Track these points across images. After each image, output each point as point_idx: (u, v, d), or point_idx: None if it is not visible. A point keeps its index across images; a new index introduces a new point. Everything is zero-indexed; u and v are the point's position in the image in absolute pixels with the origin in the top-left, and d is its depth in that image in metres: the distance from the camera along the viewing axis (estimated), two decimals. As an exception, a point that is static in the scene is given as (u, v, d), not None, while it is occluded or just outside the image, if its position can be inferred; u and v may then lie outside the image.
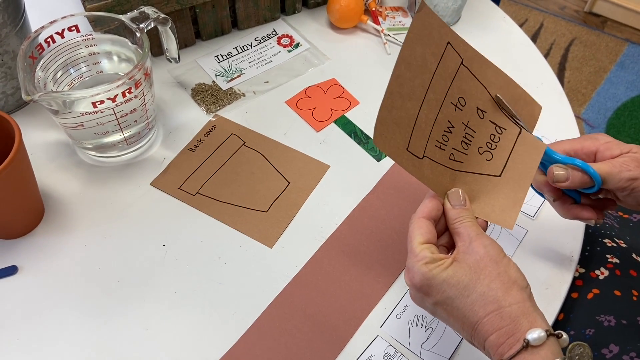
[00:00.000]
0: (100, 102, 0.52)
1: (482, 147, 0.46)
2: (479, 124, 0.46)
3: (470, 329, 0.40)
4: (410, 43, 0.41)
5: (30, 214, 0.55)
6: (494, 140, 0.46)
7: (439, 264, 0.41)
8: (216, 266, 0.54)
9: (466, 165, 0.45)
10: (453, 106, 0.44)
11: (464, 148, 0.45)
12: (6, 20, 0.57)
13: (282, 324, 0.50)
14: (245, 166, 0.62)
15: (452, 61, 0.44)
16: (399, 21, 0.78)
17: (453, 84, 0.44)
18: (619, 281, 0.53)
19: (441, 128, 0.44)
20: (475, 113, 0.45)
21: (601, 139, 0.47)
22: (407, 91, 0.42)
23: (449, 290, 0.40)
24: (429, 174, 0.44)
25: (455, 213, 0.43)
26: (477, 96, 0.46)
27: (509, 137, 0.46)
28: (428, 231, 0.43)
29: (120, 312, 0.51)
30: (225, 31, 0.75)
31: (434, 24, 0.42)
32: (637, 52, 1.87)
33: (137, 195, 0.59)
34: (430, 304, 0.42)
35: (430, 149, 0.44)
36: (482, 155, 0.46)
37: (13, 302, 0.51)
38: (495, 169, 0.46)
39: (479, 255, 0.40)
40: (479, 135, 0.46)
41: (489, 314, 0.38)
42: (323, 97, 0.69)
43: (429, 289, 0.41)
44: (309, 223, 0.57)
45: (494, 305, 0.39)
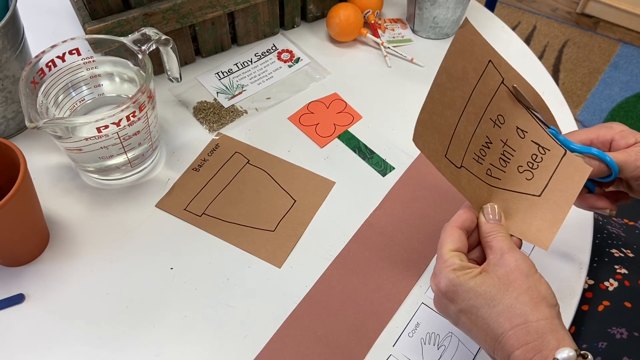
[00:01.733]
0: (104, 127, 0.51)
1: (522, 165, 0.46)
2: (518, 143, 0.46)
3: (494, 341, 0.39)
4: (451, 56, 0.42)
5: (36, 240, 0.54)
6: (535, 160, 0.46)
7: (467, 272, 0.40)
8: (225, 288, 0.54)
9: (504, 183, 0.46)
10: (492, 122, 0.45)
11: (501, 165, 0.45)
12: (6, 45, 0.56)
13: (294, 346, 0.50)
14: (250, 185, 0.61)
15: (492, 79, 0.44)
16: (398, 33, 0.78)
17: (492, 101, 0.45)
18: (628, 292, 0.53)
19: (479, 142, 0.45)
20: (515, 132, 0.46)
21: (616, 127, 0.47)
22: (447, 100, 0.42)
23: (475, 298, 0.40)
24: (465, 185, 0.44)
25: (489, 227, 0.43)
26: (516, 116, 0.46)
27: (553, 158, 0.46)
28: (459, 240, 0.43)
29: (130, 339, 0.50)
30: (225, 47, 0.74)
31: (475, 40, 0.43)
32: (630, 52, 1.88)
33: (143, 217, 0.58)
34: (454, 311, 0.41)
35: (468, 160, 0.44)
36: (522, 174, 0.46)
37: (21, 332, 0.50)
38: (535, 188, 0.45)
39: (509, 268, 0.40)
40: (519, 154, 0.46)
41: (515, 327, 0.38)
42: (326, 112, 0.68)
43: (454, 296, 0.40)
44: (317, 241, 0.57)
45: (521, 318, 0.38)
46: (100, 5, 0.60)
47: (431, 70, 0.74)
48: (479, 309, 0.39)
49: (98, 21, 0.61)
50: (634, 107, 1.72)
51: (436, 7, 0.73)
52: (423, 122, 0.41)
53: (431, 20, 0.75)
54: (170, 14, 0.64)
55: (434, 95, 0.41)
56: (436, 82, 0.41)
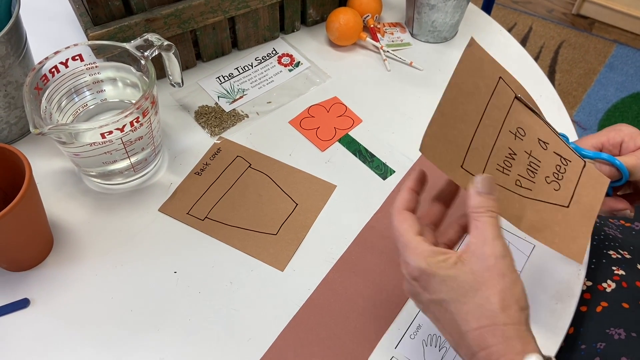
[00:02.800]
0: (108, 133, 0.52)
1: (549, 176, 0.46)
2: (542, 154, 0.46)
3: (459, 337, 0.39)
4: (461, 73, 0.42)
5: (41, 245, 0.55)
6: (559, 171, 0.46)
7: (441, 260, 0.39)
8: (229, 292, 0.54)
9: (535, 193, 0.45)
10: (512, 135, 0.45)
11: (530, 176, 0.45)
12: (9, 51, 0.57)
13: (297, 348, 0.50)
14: (252, 188, 0.62)
15: (505, 95, 0.45)
16: (397, 37, 0.79)
17: (509, 115, 0.45)
18: (626, 293, 0.54)
19: (502, 153, 0.45)
20: (538, 144, 0.46)
21: (624, 129, 0.48)
22: (460, 114, 0.43)
23: (447, 292, 0.39)
24: None
25: (479, 201, 0.40)
26: (535, 128, 0.46)
27: (574, 170, 0.46)
28: (414, 222, 0.41)
29: (135, 343, 0.51)
30: (225, 52, 0.75)
31: (484, 58, 0.43)
32: (625, 53, 1.89)
33: (146, 222, 0.59)
34: (425, 299, 0.41)
35: (491, 171, 0.44)
36: (550, 185, 0.46)
37: (26, 336, 0.51)
38: (563, 199, 0.46)
39: (486, 264, 0.38)
40: (544, 165, 0.46)
41: (481, 328, 0.37)
42: (326, 116, 0.69)
43: (427, 285, 0.40)
44: (319, 244, 0.58)
45: (489, 320, 0.37)
46: (102, 11, 0.61)
47: (430, 73, 0.75)
48: (449, 303, 0.39)
49: (100, 27, 0.61)
50: (629, 108, 1.74)
51: (435, 11, 0.74)
52: (433, 135, 0.42)
53: (430, 24, 0.76)
54: (172, 19, 0.64)
55: (445, 110, 0.42)
56: (446, 97, 0.42)
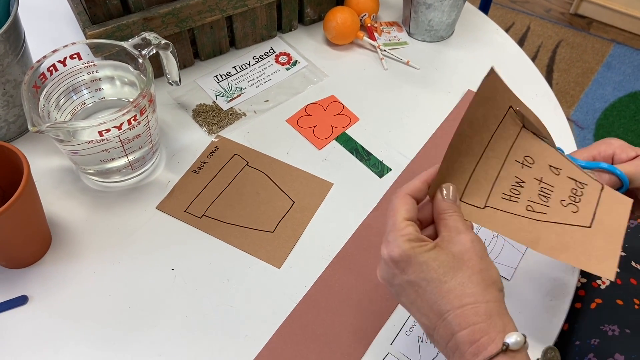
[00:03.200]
0: (106, 131, 0.52)
1: (564, 200, 0.46)
2: (555, 179, 0.46)
3: (438, 317, 0.39)
4: (474, 105, 0.42)
5: (39, 242, 0.55)
6: (576, 194, 0.46)
7: (421, 244, 0.40)
8: (226, 289, 0.54)
9: (550, 216, 0.45)
10: (519, 164, 0.46)
11: (543, 201, 0.45)
12: (7, 50, 0.57)
13: (294, 345, 0.51)
14: (249, 187, 0.62)
15: (512, 124, 0.45)
16: (394, 36, 0.79)
17: (515, 144, 0.46)
18: (620, 290, 0.55)
19: (508, 183, 0.45)
20: (549, 170, 0.46)
21: (614, 142, 0.48)
22: (465, 148, 0.44)
23: (427, 271, 0.39)
24: (497, 223, 0.44)
25: (445, 206, 0.43)
26: (545, 155, 0.46)
27: (592, 192, 0.46)
28: (413, 209, 0.42)
29: (132, 339, 0.51)
30: (223, 51, 0.75)
31: (499, 87, 0.44)
32: (623, 53, 1.90)
33: (144, 219, 0.59)
34: (401, 281, 0.41)
35: (495, 201, 0.45)
36: (567, 208, 0.46)
37: (24, 333, 0.51)
38: (583, 220, 0.45)
39: (464, 247, 0.40)
40: (558, 189, 0.46)
41: (464, 306, 0.38)
42: (323, 115, 0.69)
43: (406, 266, 0.40)
44: (316, 242, 0.58)
45: (471, 298, 0.38)
46: (100, 10, 0.61)
47: (427, 72, 0.75)
48: (429, 283, 0.39)
49: (98, 26, 0.61)
50: (627, 107, 1.74)
51: (431, 10, 0.74)
52: (441, 172, 0.43)
53: (426, 24, 0.76)
54: (170, 18, 0.65)
55: (454, 144, 0.42)
56: (458, 132, 0.42)
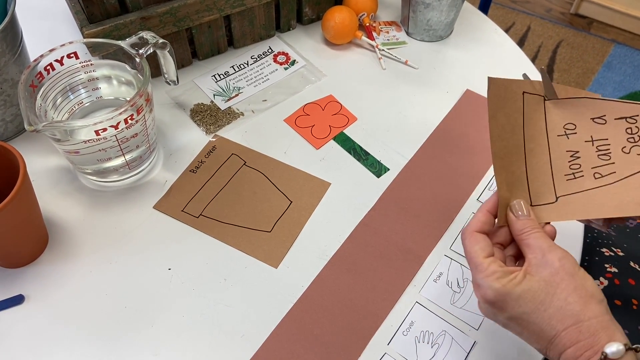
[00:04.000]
0: (103, 130, 0.52)
1: (625, 146, 0.43)
2: (605, 130, 0.44)
3: (547, 342, 0.39)
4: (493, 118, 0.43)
5: (36, 242, 0.55)
6: (632, 133, 0.43)
7: (511, 278, 0.40)
8: (222, 288, 0.54)
9: (621, 172, 0.43)
10: (563, 136, 0.44)
11: (606, 160, 0.43)
12: (5, 49, 0.57)
13: (290, 345, 0.51)
14: (247, 186, 0.62)
15: (535, 103, 0.45)
16: (392, 36, 0.79)
17: (548, 122, 0.45)
18: (618, 291, 0.54)
19: (564, 161, 0.44)
20: (594, 124, 0.44)
21: None
22: (507, 159, 0.44)
23: (524, 305, 0.39)
24: (577, 209, 0.43)
25: (521, 224, 0.43)
26: (582, 111, 0.44)
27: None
28: (487, 245, 0.42)
29: (129, 339, 0.51)
30: (221, 50, 0.75)
31: (503, 86, 0.43)
32: (623, 53, 1.89)
33: (141, 219, 0.59)
34: (503, 318, 0.41)
35: (563, 186, 0.44)
36: (631, 153, 0.43)
37: (21, 332, 0.51)
38: None
39: (553, 269, 0.40)
40: (613, 138, 0.44)
41: (567, 328, 0.38)
42: (321, 114, 0.69)
43: (503, 305, 0.40)
44: (313, 242, 0.58)
45: (573, 319, 0.38)
46: (97, 9, 0.61)
47: (425, 72, 0.75)
48: (529, 315, 0.39)
49: (96, 25, 0.61)
50: (627, 107, 1.74)
51: (430, 10, 0.74)
52: (502, 196, 0.43)
53: (425, 23, 0.76)
54: (167, 17, 0.65)
55: (498, 165, 0.43)
56: (494, 152, 0.43)
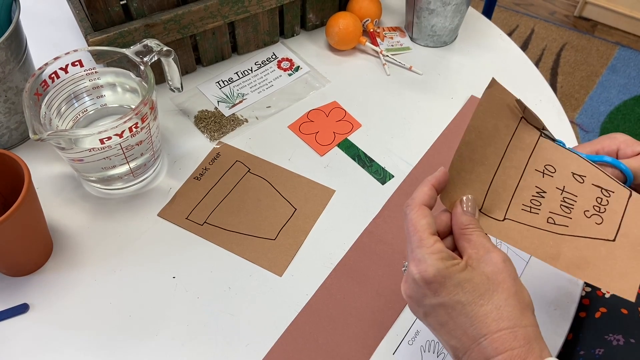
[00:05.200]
0: (107, 139, 0.52)
1: (588, 210, 0.44)
2: (579, 188, 0.45)
3: (472, 341, 0.37)
4: (480, 115, 0.42)
5: (40, 250, 0.55)
6: (601, 203, 0.44)
7: (455, 263, 0.38)
8: (227, 297, 0.54)
9: (573, 229, 0.44)
10: (539, 173, 0.45)
11: (565, 212, 0.44)
12: (9, 57, 0.57)
13: (295, 354, 0.50)
14: (251, 193, 0.62)
15: (528, 134, 0.45)
16: (397, 41, 0.79)
17: (534, 154, 0.45)
18: (625, 299, 0.54)
19: (527, 194, 0.44)
20: (572, 178, 0.45)
21: (619, 137, 0.47)
22: (478, 157, 0.43)
23: (462, 294, 0.38)
24: (517, 236, 0.43)
25: (466, 219, 0.42)
26: (567, 162, 0.45)
27: (619, 200, 0.44)
28: (433, 222, 0.40)
29: (133, 348, 0.51)
30: (225, 57, 0.75)
31: (505, 99, 0.43)
32: (627, 55, 1.89)
33: (145, 227, 0.59)
34: (432, 303, 0.39)
35: (515, 212, 0.44)
36: (591, 219, 0.44)
37: (25, 341, 0.51)
38: (607, 232, 0.44)
39: (497, 268, 0.38)
40: (582, 199, 0.44)
41: (502, 330, 0.37)
42: (325, 121, 0.69)
43: (439, 287, 0.38)
44: (317, 249, 0.58)
45: (510, 322, 0.37)
46: (102, 17, 0.61)
47: (430, 78, 0.75)
48: (464, 306, 0.37)
49: (100, 32, 0.61)
50: (632, 110, 1.73)
51: (434, 15, 0.74)
52: (451, 180, 0.42)
53: (429, 29, 0.76)
54: (172, 24, 0.65)
55: (463, 153, 0.42)
56: (464, 140, 0.42)
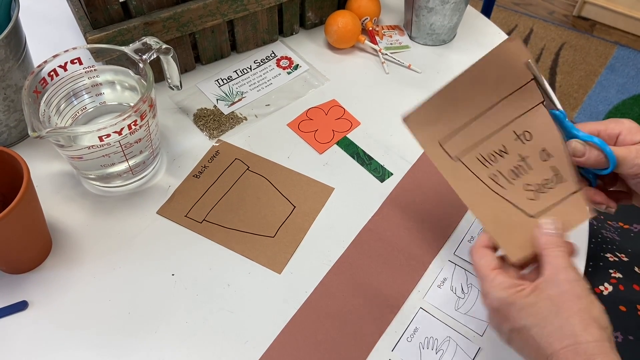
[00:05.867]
0: (106, 136, 0.52)
1: (530, 185, 0.46)
2: (538, 164, 0.46)
3: None
4: (486, 64, 0.43)
5: (39, 247, 0.55)
6: (546, 185, 0.46)
7: (518, 290, 0.41)
8: (226, 294, 0.54)
9: (506, 193, 0.46)
10: (515, 135, 0.46)
11: (510, 177, 0.46)
12: (8, 55, 0.57)
13: (294, 351, 0.51)
14: (250, 191, 0.62)
15: (531, 95, 0.45)
16: (395, 40, 0.79)
17: (523, 117, 0.45)
18: (623, 296, 0.54)
19: (491, 147, 0.46)
20: (538, 153, 0.46)
21: (626, 123, 0.48)
22: (465, 98, 0.44)
23: (526, 318, 0.40)
24: (458, 179, 0.45)
25: (550, 239, 0.43)
26: (547, 139, 0.46)
27: (562, 191, 0.46)
28: (493, 258, 0.43)
29: (132, 345, 0.51)
30: (224, 55, 0.75)
31: (521, 55, 0.44)
32: (626, 55, 1.89)
33: (144, 224, 0.59)
34: (506, 329, 0.42)
35: (469, 158, 0.45)
36: (526, 193, 0.46)
37: (24, 339, 0.51)
38: (532, 209, 0.46)
39: (561, 289, 0.40)
40: (533, 174, 0.46)
41: (565, 348, 0.38)
42: (324, 119, 0.69)
43: (506, 314, 0.41)
44: (316, 247, 0.58)
45: (571, 339, 0.38)
46: (101, 14, 0.61)
47: (428, 76, 0.75)
48: (530, 329, 0.40)
49: (99, 30, 0.61)
50: (631, 110, 1.73)
51: (433, 14, 0.74)
52: (424, 110, 0.43)
53: (428, 27, 0.76)
54: (171, 22, 0.65)
55: (447, 93, 0.43)
56: (456, 81, 0.43)
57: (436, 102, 0.44)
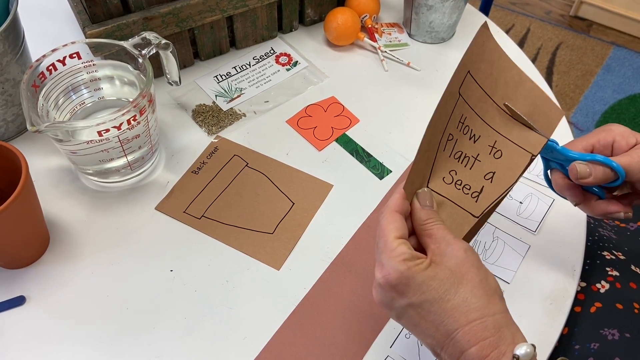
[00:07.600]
0: (105, 131, 0.52)
1: (469, 185, 0.45)
2: (486, 161, 0.46)
3: (445, 337, 0.37)
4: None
5: (37, 243, 0.55)
6: (495, 145, 0.46)
7: (417, 263, 0.38)
8: (225, 290, 0.54)
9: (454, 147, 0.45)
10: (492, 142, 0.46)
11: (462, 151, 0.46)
12: (7, 49, 0.57)
13: (293, 347, 0.51)
14: (249, 187, 0.62)
15: (533, 141, 0.45)
16: (395, 37, 0.79)
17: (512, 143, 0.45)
18: (620, 294, 0.54)
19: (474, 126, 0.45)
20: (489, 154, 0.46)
21: (615, 129, 0.47)
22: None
23: (427, 292, 0.38)
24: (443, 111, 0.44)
25: (425, 214, 0.42)
26: (508, 166, 0.46)
27: (492, 194, 0.45)
28: (402, 226, 0.40)
29: (130, 341, 0.51)
30: (223, 51, 0.75)
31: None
32: (622, 55, 1.90)
33: (143, 220, 0.59)
34: (401, 305, 0.39)
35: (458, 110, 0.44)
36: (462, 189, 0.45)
37: (21, 333, 0.51)
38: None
39: (459, 259, 0.39)
40: (477, 164, 0.46)
41: (472, 322, 0.37)
42: (323, 116, 0.69)
43: (405, 289, 0.38)
44: (315, 243, 0.58)
45: (477, 313, 0.37)
46: (100, 9, 0.61)
47: (427, 74, 0.75)
48: (431, 304, 0.38)
49: (98, 25, 0.61)
50: (627, 110, 1.74)
51: (432, 12, 0.74)
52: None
53: (427, 25, 0.76)
54: (170, 17, 0.64)
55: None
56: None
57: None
